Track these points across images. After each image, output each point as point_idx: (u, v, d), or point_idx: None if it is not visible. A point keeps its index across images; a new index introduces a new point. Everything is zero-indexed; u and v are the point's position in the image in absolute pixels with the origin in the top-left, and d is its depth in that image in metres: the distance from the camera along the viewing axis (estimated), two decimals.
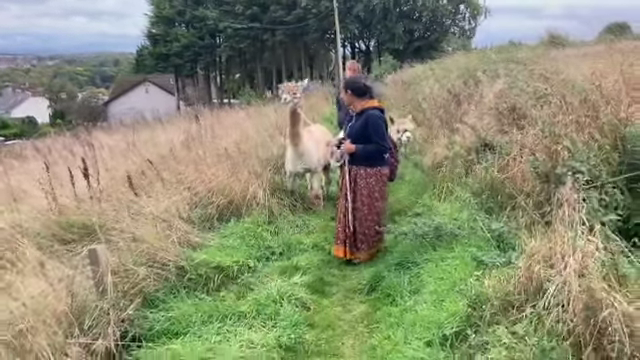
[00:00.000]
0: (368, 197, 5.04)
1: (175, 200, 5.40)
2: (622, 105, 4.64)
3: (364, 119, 5.01)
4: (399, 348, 3.21)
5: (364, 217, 5.03)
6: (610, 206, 3.43)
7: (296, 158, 6.39)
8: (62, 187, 7.01)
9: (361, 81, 5.29)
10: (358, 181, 5.07)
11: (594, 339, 2.34)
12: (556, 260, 2.76)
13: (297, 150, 6.30)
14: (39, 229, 5.71)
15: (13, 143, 30.14)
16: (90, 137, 20.23)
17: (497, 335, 2.78)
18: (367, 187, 5.05)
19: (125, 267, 3.93)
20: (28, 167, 13.39)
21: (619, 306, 2.24)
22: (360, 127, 5.02)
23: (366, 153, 5.01)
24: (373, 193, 5.06)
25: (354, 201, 5.05)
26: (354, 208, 5.05)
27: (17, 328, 2.99)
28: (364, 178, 5.05)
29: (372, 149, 4.99)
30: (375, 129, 4.97)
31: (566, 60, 8.92)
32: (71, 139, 21.41)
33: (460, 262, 3.85)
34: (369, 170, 5.05)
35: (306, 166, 6.47)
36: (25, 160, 15.44)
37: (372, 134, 4.95)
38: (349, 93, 5.13)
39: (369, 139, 4.97)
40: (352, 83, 5.22)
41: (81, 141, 19.01)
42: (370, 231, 5.04)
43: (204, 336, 3.51)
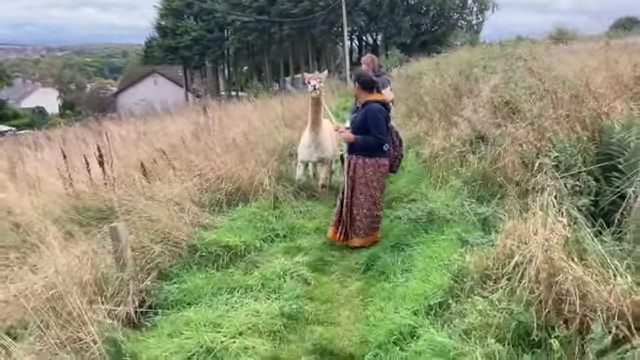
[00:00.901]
0: (365, 186, 5.24)
1: (187, 186, 5.77)
2: (605, 100, 4.96)
3: (365, 111, 5.23)
4: (390, 317, 3.57)
5: (360, 205, 5.25)
6: (584, 191, 3.77)
7: (314, 146, 6.52)
8: (77, 174, 7.44)
9: (369, 75, 5.52)
10: (357, 170, 5.27)
11: (554, 303, 2.68)
12: (528, 237, 3.10)
13: (317, 138, 6.45)
14: (58, 213, 6.11)
15: (24, 133, 30.68)
16: (101, 127, 20.70)
17: (474, 303, 3.14)
18: (364, 177, 5.24)
19: (142, 244, 4.32)
20: (42, 155, 13.87)
21: (572, 272, 2.59)
22: (361, 119, 5.24)
23: (365, 144, 5.20)
24: (371, 182, 5.25)
25: (352, 189, 5.29)
26: (352, 196, 5.28)
27: (52, 292, 3.37)
28: (362, 168, 5.24)
29: (371, 140, 5.18)
30: (374, 122, 5.16)
31: (564, 56, 9.20)
32: (83, 129, 21.91)
33: (448, 243, 4.21)
34: (367, 160, 5.23)
35: (322, 155, 6.62)
36: (39, 149, 15.91)
37: (371, 126, 5.15)
38: (357, 85, 5.38)
39: (369, 131, 5.18)
40: (361, 76, 5.45)
41: (93, 131, 19.50)
42: (367, 219, 5.26)
43: (214, 306, 3.89)
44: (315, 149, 6.55)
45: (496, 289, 3.15)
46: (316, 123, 6.37)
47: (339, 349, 3.47)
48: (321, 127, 6.43)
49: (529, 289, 2.88)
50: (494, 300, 3.01)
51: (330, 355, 3.40)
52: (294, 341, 3.56)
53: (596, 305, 2.48)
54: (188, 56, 48.66)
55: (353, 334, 3.68)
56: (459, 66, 11.77)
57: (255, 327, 3.59)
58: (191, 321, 3.62)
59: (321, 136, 6.48)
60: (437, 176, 6.28)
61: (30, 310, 3.18)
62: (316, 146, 6.52)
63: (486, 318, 2.99)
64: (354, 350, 3.46)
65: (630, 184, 3.38)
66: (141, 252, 4.25)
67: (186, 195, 5.61)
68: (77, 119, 39.19)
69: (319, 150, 6.56)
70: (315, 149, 6.55)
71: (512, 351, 2.74)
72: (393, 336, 3.32)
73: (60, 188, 7.17)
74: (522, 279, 2.94)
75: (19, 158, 12.84)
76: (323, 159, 6.70)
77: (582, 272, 2.61)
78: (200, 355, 3.21)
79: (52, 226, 4.92)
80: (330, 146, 6.69)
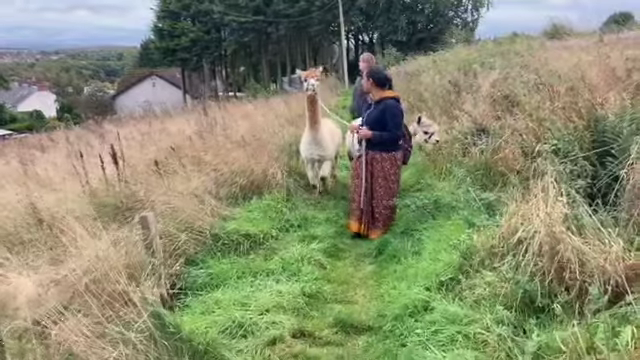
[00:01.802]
0: (384, 179, 5.52)
1: (204, 180, 6.06)
2: (599, 91, 5.28)
3: (382, 108, 5.46)
4: (404, 293, 3.86)
5: (380, 198, 5.53)
6: (581, 175, 4.09)
7: (314, 144, 6.51)
8: (91, 173, 7.74)
9: (384, 72, 5.77)
10: (374, 165, 5.52)
11: (556, 272, 2.99)
12: (530, 216, 3.40)
13: (316, 136, 6.45)
14: (79, 209, 6.40)
15: (23, 136, 30.90)
16: (103, 129, 20.95)
17: (483, 277, 3.44)
18: (383, 170, 5.51)
19: (169, 233, 4.61)
20: (52, 157, 14.15)
21: (572, 243, 2.89)
22: (378, 115, 5.46)
23: (382, 139, 5.46)
24: (389, 176, 5.55)
25: (371, 183, 5.55)
26: (372, 189, 5.56)
27: (93, 275, 3.66)
28: (379, 162, 5.51)
29: (388, 136, 5.45)
30: (392, 118, 5.44)
31: (559, 52, 9.52)
32: (84, 131, 22.16)
33: (455, 226, 4.51)
34: (384, 155, 5.51)
35: (323, 153, 6.59)
36: (46, 150, 16.18)
37: (389, 122, 5.41)
38: (371, 81, 5.54)
39: (385, 126, 5.42)
40: (376, 73, 5.64)
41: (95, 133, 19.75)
42: (386, 211, 5.57)
43: (240, 287, 4.18)
44: (316, 147, 6.54)
45: (502, 264, 3.46)
46: (314, 121, 6.37)
47: (358, 322, 3.78)
48: (320, 125, 6.44)
49: (533, 262, 3.18)
50: (502, 272, 3.31)
51: (350, 327, 3.71)
52: (316, 317, 3.86)
53: (593, 271, 2.79)
54: (186, 58, 48.89)
55: (370, 310, 3.98)
56: (457, 63, 12.09)
57: (280, 305, 3.88)
58: (220, 301, 3.91)
59: (320, 134, 6.49)
60: (441, 167, 6.59)
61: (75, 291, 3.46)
62: (316, 144, 6.52)
63: (494, 289, 3.30)
64: (372, 323, 3.76)
65: (622, 167, 3.69)
66: (169, 240, 4.54)
67: (203, 189, 5.89)
68: (76, 122, 39.48)
69: (320, 148, 6.55)
70: (316, 147, 6.54)
71: (519, 317, 3.04)
72: (408, 309, 3.62)
73: (76, 186, 7.48)
74: (526, 253, 3.24)
75: (29, 159, 13.15)
76: (324, 156, 6.68)
77: (580, 243, 2.92)
78: (233, 329, 3.51)
79: (75, 222, 5.21)
80: (331, 144, 6.73)
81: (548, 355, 2.50)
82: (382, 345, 3.41)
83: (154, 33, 51.03)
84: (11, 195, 7.54)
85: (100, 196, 6.87)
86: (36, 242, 5.68)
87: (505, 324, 2.97)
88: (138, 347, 2.91)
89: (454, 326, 3.19)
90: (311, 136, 6.49)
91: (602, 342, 2.25)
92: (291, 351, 3.36)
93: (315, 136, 6.46)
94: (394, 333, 3.48)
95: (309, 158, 6.73)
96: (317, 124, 6.39)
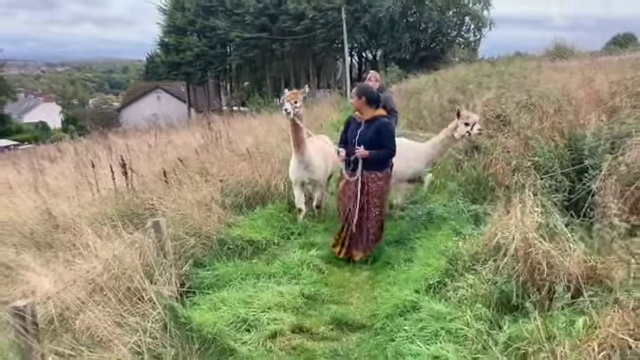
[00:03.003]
0: (379, 199, 5.39)
1: (211, 190, 6.43)
2: (582, 113, 5.67)
3: (377, 126, 5.30)
4: (395, 295, 4.20)
5: (375, 218, 5.39)
6: (560, 189, 4.46)
7: (303, 167, 6.24)
8: (101, 182, 8.16)
9: (375, 91, 5.62)
10: (370, 184, 5.35)
11: (529, 273, 3.34)
12: (509, 225, 3.76)
13: (303, 159, 6.18)
14: (90, 216, 6.77)
15: (27, 147, 31.40)
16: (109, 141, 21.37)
17: (466, 279, 3.79)
18: (379, 189, 5.37)
19: (179, 237, 4.97)
20: (58, 167, 14.56)
21: (542, 247, 3.24)
22: (374, 134, 5.28)
23: (380, 157, 5.33)
24: (384, 194, 5.47)
25: (365, 204, 5.35)
26: (366, 210, 5.35)
27: (110, 273, 4.01)
28: (376, 181, 5.36)
29: (385, 154, 5.34)
30: (389, 136, 5.32)
31: (551, 73, 9.93)
32: (91, 143, 22.61)
33: (445, 236, 4.86)
34: (379, 174, 5.37)
35: (312, 176, 6.32)
36: (54, 161, 16.60)
37: (386, 140, 5.28)
38: (363, 100, 5.35)
39: (382, 146, 5.29)
40: (369, 92, 5.47)
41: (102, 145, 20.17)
42: (378, 230, 5.46)
43: (244, 288, 4.52)
44: (304, 170, 6.26)
45: (484, 267, 3.81)
46: (298, 144, 6.07)
47: (352, 321, 4.12)
48: (305, 147, 6.15)
49: (510, 265, 3.54)
50: (482, 275, 3.66)
51: (345, 325, 4.05)
52: (314, 315, 4.20)
53: (560, 272, 3.14)
54: (191, 72, 49.56)
55: (364, 310, 4.33)
56: (456, 82, 12.51)
57: (280, 304, 4.22)
58: (226, 299, 4.25)
59: (307, 156, 6.19)
60: (435, 182, 6.95)
61: (96, 286, 3.81)
62: (305, 167, 6.24)
63: (475, 290, 3.65)
64: (365, 321, 4.10)
65: (595, 182, 4.05)
66: (179, 243, 4.90)
67: (210, 198, 6.25)
68: (80, 134, 40.07)
69: (308, 171, 6.27)
70: (304, 170, 6.26)
71: (496, 314, 3.39)
72: (398, 309, 3.96)
73: (87, 195, 7.89)
74: (504, 257, 3.60)
75: (40, 169, 13.56)
76: (314, 180, 6.40)
77: (550, 248, 3.27)
78: (238, 323, 3.85)
79: (87, 227, 5.57)
80: (321, 165, 6.42)
81: (516, 344, 2.84)
82: (373, 340, 3.74)
83: (160, 47, 51.81)
84: (27, 202, 7.95)
85: (111, 204, 7.27)
86: (52, 245, 6.07)
87: (483, 320, 3.32)
88: (154, 335, 3.25)
89: (438, 323, 3.53)
90: (297, 160, 6.22)
91: (560, 331, 2.59)
92: (290, 344, 3.70)
93: (302, 159, 6.18)
94: (385, 330, 3.82)
95: (298, 181, 6.41)
96: (301, 147, 6.11)
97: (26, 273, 4.83)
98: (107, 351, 3.03)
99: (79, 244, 5.04)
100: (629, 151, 4.06)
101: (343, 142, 5.62)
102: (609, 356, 2.19)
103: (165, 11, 50.40)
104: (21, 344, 2.65)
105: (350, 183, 5.42)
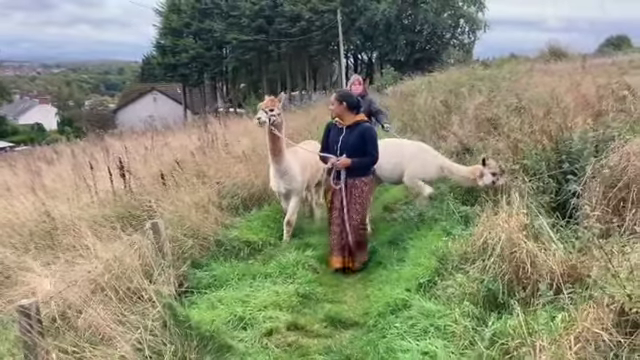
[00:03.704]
0: (362, 205, 5.32)
1: (208, 192, 6.56)
2: (570, 116, 5.83)
3: (360, 132, 5.25)
4: (387, 294, 4.34)
5: (358, 226, 5.32)
6: (546, 191, 4.61)
7: (279, 177, 6.00)
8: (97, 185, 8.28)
9: (355, 96, 5.55)
10: (353, 192, 5.28)
11: (514, 272, 3.48)
12: (496, 225, 3.90)
13: (280, 168, 5.93)
14: (89, 218, 6.88)
15: (23, 149, 31.43)
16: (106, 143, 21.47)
17: (455, 278, 3.93)
18: (362, 196, 5.31)
19: (177, 238, 5.10)
20: (55, 169, 14.66)
21: (527, 247, 3.39)
22: (357, 140, 5.23)
23: (362, 165, 5.28)
24: (366, 201, 5.41)
25: (348, 211, 5.28)
26: (349, 218, 5.28)
27: (110, 274, 4.13)
28: (359, 188, 5.30)
29: (368, 161, 5.30)
30: (373, 142, 5.29)
31: (542, 77, 10.11)
32: (87, 144, 22.71)
33: (436, 236, 5.00)
34: (363, 179, 5.34)
35: (289, 187, 6.05)
36: (51, 163, 16.69)
37: (370, 146, 5.25)
38: (344, 105, 5.28)
39: (365, 151, 5.24)
40: (348, 97, 5.40)
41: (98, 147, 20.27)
42: (364, 238, 5.45)
43: (240, 288, 4.65)
44: (280, 179, 6.00)
45: (473, 267, 3.95)
46: (275, 153, 5.81)
47: (346, 318, 4.25)
48: (282, 156, 5.86)
49: (496, 264, 3.68)
50: (470, 274, 3.81)
51: (339, 322, 4.18)
52: (309, 313, 4.34)
53: (543, 271, 3.28)
54: (187, 74, 49.69)
55: (357, 308, 4.47)
56: (449, 85, 12.68)
57: (276, 303, 4.35)
58: (223, 298, 4.38)
59: (285, 165, 5.92)
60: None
61: (97, 285, 3.93)
62: (281, 176, 5.97)
63: (464, 288, 3.79)
64: (358, 319, 4.24)
65: (580, 184, 4.20)
66: (177, 244, 5.03)
67: (207, 200, 6.38)
68: (76, 135, 40.06)
69: (285, 180, 5.99)
70: (280, 179, 6.00)
71: (483, 312, 3.52)
72: (390, 307, 4.10)
73: (85, 197, 8.01)
74: (491, 257, 3.74)
75: (37, 171, 13.66)
76: (290, 190, 6.09)
77: (533, 247, 3.41)
78: (234, 322, 3.98)
79: (87, 229, 5.69)
80: (299, 175, 6.10)
81: (501, 339, 2.98)
82: (366, 337, 3.87)
83: (156, 49, 51.94)
84: (25, 204, 8.05)
85: (109, 206, 7.39)
86: (52, 247, 6.18)
87: (470, 317, 3.46)
88: (154, 333, 3.38)
89: (428, 320, 3.67)
90: (274, 168, 6.00)
91: (541, 326, 2.73)
92: (286, 341, 3.83)
93: (278, 168, 5.94)
94: (377, 327, 3.95)
95: (277, 192, 6.24)
96: (278, 156, 5.85)
97: (27, 274, 4.94)
98: (110, 347, 3.15)
99: (79, 245, 5.16)
100: (612, 154, 4.20)
101: (325, 148, 5.54)
102: (584, 348, 2.33)
103: (161, 13, 50.53)
104: (27, 340, 2.77)
105: (337, 192, 5.33)
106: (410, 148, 6.44)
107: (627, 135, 4.44)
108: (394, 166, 6.26)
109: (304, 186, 6.35)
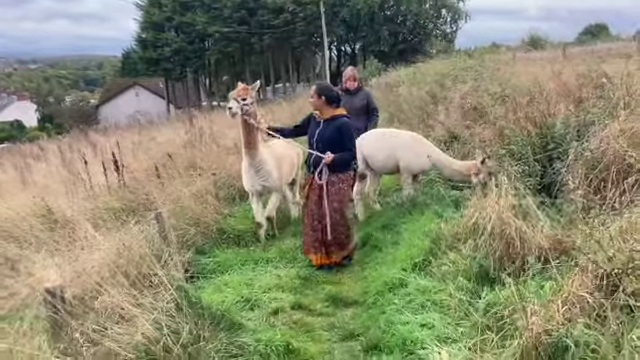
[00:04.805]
0: (340, 202, 5.18)
1: (204, 183, 6.75)
2: (553, 103, 6.11)
3: (337, 127, 5.15)
4: (384, 274, 4.58)
5: (337, 222, 5.16)
6: (532, 174, 4.89)
7: (253, 173, 5.67)
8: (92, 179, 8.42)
9: (334, 89, 5.44)
10: (329, 188, 5.15)
11: (504, 248, 3.74)
12: (486, 206, 4.16)
13: (254, 163, 5.61)
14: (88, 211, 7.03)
15: (4, 147, 31.12)
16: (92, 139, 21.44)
17: (448, 256, 4.19)
18: (339, 193, 5.18)
19: (180, 227, 5.29)
20: (43, 165, 14.68)
21: (515, 224, 3.66)
22: (333, 133, 5.14)
23: (342, 160, 5.15)
24: (344, 198, 5.26)
25: (324, 207, 5.15)
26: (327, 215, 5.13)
27: (120, 261, 4.32)
28: (337, 184, 5.17)
29: (349, 156, 5.19)
30: (350, 137, 5.20)
31: (524, 66, 10.41)
32: (74, 140, 22.61)
33: (428, 219, 5.25)
34: (341, 176, 5.19)
35: (265, 183, 5.76)
36: (39, 159, 16.66)
37: (347, 142, 5.15)
38: (323, 100, 5.17)
39: (342, 146, 5.12)
40: (328, 90, 5.30)
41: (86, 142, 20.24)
42: (343, 235, 5.23)
43: (244, 272, 4.88)
44: (256, 175, 5.69)
45: (465, 246, 4.21)
46: (249, 146, 5.50)
47: (346, 298, 4.51)
48: (257, 150, 5.57)
49: (487, 242, 3.94)
50: (463, 252, 4.07)
51: (340, 301, 4.44)
52: (311, 294, 4.58)
53: (532, 245, 3.55)
54: (169, 68, 49.39)
55: (356, 288, 4.72)
56: (434, 75, 12.96)
57: (279, 285, 4.59)
58: (229, 282, 4.60)
59: (259, 159, 5.62)
60: None
61: (110, 270, 4.12)
62: (255, 171, 5.67)
63: (457, 265, 4.04)
64: (358, 298, 4.50)
65: (563, 166, 4.48)
66: (180, 233, 5.22)
67: (205, 191, 6.57)
68: (58, 132, 39.67)
69: (260, 176, 5.69)
70: (256, 175, 5.69)
71: (475, 286, 3.78)
72: (387, 286, 4.34)
73: (80, 191, 8.15)
74: (482, 236, 4.00)
75: (26, 168, 13.67)
76: (268, 187, 5.84)
77: (522, 224, 3.68)
78: (241, 303, 4.21)
79: (87, 222, 5.85)
80: (275, 171, 5.81)
81: (494, 308, 3.24)
82: (366, 314, 4.12)
83: (138, 44, 51.48)
84: (22, 199, 8.16)
85: (105, 199, 7.55)
86: (52, 240, 6.32)
87: (464, 291, 3.71)
88: (169, 313, 3.58)
89: (424, 296, 3.93)
90: (247, 163, 5.65)
91: (531, 294, 3.00)
92: (291, 319, 4.06)
93: (252, 163, 5.61)
94: (376, 304, 4.19)
95: (251, 190, 5.85)
96: (253, 149, 5.53)
97: (33, 266, 5.09)
98: (131, 326, 3.35)
99: (80, 238, 5.33)
100: (592, 138, 4.48)
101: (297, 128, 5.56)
102: (570, 310, 2.60)
103: (142, 7, 50.04)
104: (58, 319, 2.96)
105: (314, 188, 5.25)
106: (404, 138, 6.63)
107: (606, 120, 4.71)
108: (387, 157, 6.46)
109: (281, 182, 6.08)
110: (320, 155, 5.11)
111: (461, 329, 3.38)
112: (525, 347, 2.62)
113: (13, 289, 4.93)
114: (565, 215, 3.85)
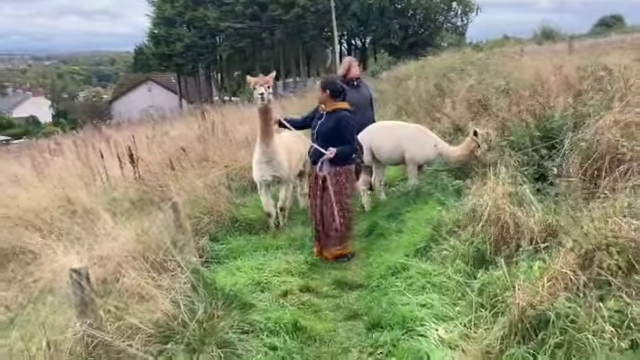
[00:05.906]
0: (338, 195, 5.25)
1: (218, 175, 7.02)
2: (552, 96, 6.29)
3: (336, 119, 5.26)
4: (387, 260, 4.83)
5: (329, 217, 5.27)
6: (530, 163, 5.09)
7: (265, 163, 5.78)
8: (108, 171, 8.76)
9: (339, 83, 5.53)
10: (327, 180, 5.26)
11: (500, 233, 3.97)
12: (484, 194, 4.38)
13: (267, 152, 5.72)
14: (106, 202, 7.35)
15: (21, 142, 31.69)
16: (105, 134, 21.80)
17: (448, 242, 4.42)
18: (337, 185, 5.26)
19: (194, 215, 5.57)
20: (59, 160, 15.06)
21: (510, 210, 3.88)
22: (332, 127, 5.24)
23: (342, 154, 5.23)
24: (345, 190, 5.33)
25: (324, 200, 5.31)
26: (326, 208, 5.29)
27: (138, 247, 4.60)
28: (334, 176, 5.25)
29: (347, 150, 5.27)
30: (349, 129, 5.29)
31: (529, 61, 10.55)
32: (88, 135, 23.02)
33: (431, 208, 5.48)
34: (339, 169, 5.27)
35: (276, 173, 5.85)
36: (55, 154, 17.08)
37: (345, 133, 5.24)
38: (327, 93, 5.30)
39: (340, 139, 5.22)
40: (333, 84, 5.41)
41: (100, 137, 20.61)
42: (341, 228, 5.32)
43: (255, 258, 5.15)
44: (267, 165, 5.79)
45: (464, 232, 4.43)
46: (266, 134, 5.62)
47: (351, 281, 4.77)
48: (273, 139, 5.68)
49: (484, 228, 4.16)
50: (462, 237, 4.30)
51: (345, 285, 4.70)
52: (318, 278, 4.85)
53: (524, 230, 3.77)
54: (182, 63, 49.80)
55: (360, 273, 4.98)
56: (442, 69, 13.12)
57: (288, 270, 4.86)
58: (240, 267, 4.88)
59: (273, 149, 5.72)
60: None
61: (130, 255, 4.41)
62: (268, 161, 5.76)
63: (456, 250, 4.27)
64: (362, 282, 4.75)
65: (559, 156, 4.68)
66: (194, 221, 5.50)
67: (218, 182, 6.84)
68: (72, 127, 40.23)
69: (272, 166, 5.79)
70: (267, 165, 5.79)
71: (472, 269, 4.00)
72: (390, 270, 4.59)
73: (97, 184, 8.49)
74: (480, 222, 4.23)
75: (44, 162, 14.06)
76: (278, 178, 5.93)
77: (516, 210, 3.90)
78: (253, 285, 4.48)
79: (105, 212, 6.16)
80: (285, 162, 5.92)
81: (488, 288, 3.47)
82: (370, 296, 4.38)
83: (150, 39, 51.91)
84: (42, 191, 8.51)
85: (122, 191, 7.87)
86: (74, 229, 6.64)
87: (462, 273, 3.95)
88: (186, 293, 3.85)
89: (425, 278, 4.16)
90: (261, 151, 5.76)
91: (521, 274, 3.22)
92: (300, 300, 4.33)
93: (265, 150, 5.71)
94: (379, 287, 4.44)
95: (261, 181, 5.95)
96: (269, 138, 5.67)
97: (56, 254, 5.40)
98: (152, 305, 3.63)
99: (99, 227, 5.64)
100: (588, 129, 4.67)
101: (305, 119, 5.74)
102: (554, 285, 2.82)
103: (154, 3, 50.44)
104: (84, 297, 3.23)
105: (315, 180, 5.37)
106: (409, 130, 6.85)
107: (602, 112, 4.89)
108: (393, 148, 6.68)
109: (291, 173, 6.21)
110: (322, 150, 5.21)
111: (457, 308, 3.62)
112: (512, 320, 2.85)
113: (37, 275, 5.27)
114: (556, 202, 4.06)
